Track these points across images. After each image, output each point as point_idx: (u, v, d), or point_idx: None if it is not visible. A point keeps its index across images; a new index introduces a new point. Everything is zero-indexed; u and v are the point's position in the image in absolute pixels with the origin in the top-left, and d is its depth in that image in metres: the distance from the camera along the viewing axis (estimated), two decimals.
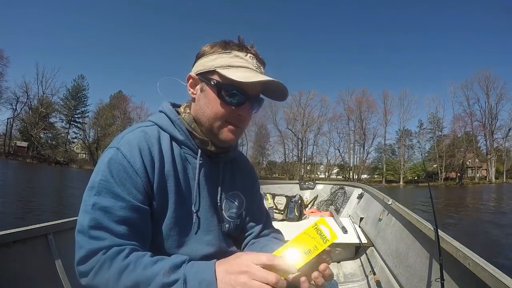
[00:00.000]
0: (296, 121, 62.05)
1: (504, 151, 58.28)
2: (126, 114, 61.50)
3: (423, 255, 1.85)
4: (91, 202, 0.80)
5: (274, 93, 0.98)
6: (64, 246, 1.72)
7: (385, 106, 61.70)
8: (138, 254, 0.78)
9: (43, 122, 55.49)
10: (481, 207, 17.86)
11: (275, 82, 0.90)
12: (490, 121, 58.08)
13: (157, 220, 0.90)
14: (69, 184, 21.26)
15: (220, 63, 0.91)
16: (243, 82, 0.86)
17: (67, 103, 60.15)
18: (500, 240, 8.85)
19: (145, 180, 0.86)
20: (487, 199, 23.62)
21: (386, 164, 61.19)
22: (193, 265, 0.76)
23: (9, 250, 1.47)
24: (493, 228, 10.73)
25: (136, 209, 0.83)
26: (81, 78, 61.98)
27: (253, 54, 0.94)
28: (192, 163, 0.98)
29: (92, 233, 0.78)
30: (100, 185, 0.81)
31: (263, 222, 1.19)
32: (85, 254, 0.77)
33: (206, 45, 0.96)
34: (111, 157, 0.85)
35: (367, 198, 3.87)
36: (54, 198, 13.22)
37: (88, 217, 0.78)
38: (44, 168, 39.45)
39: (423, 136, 63.53)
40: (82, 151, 63.14)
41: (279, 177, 57.01)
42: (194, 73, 0.96)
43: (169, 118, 0.98)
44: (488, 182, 54.47)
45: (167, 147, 0.93)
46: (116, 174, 0.83)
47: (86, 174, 35.23)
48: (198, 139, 0.97)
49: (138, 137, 0.89)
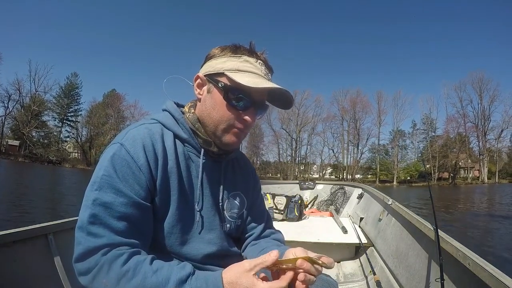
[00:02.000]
0: (290, 121, 62.33)
1: (496, 152, 58.95)
2: (119, 113, 60.90)
3: (423, 255, 1.85)
4: (92, 197, 0.80)
5: (279, 101, 1.00)
6: (64, 246, 1.70)
7: (379, 107, 62.22)
8: (138, 259, 0.77)
9: (36, 121, 54.64)
10: (474, 206, 18.10)
11: (281, 91, 0.92)
12: (483, 122, 58.92)
13: (160, 217, 0.90)
14: (62, 184, 20.98)
15: (229, 66, 0.91)
16: (251, 87, 0.87)
17: (60, 101, 59.48)
18: (491, 235, 9.07)
19: (148, 176, 0.86)
20: (479, 198, 23.93)
21: (379, 164, 61.58)
22: (199, 279, 0.76)
23: (9, 250, 1.46)
24: (486, 225, 10.96)
25: (137, 205, 0.83)
26: (74, 76, 61.38)
27: (262, 60, 0.95)
28: (195, 162, 0.98)
29: (90, 230, 0.77)
30: (102, 180, 0.81)
31: (264, 223, 1.18)
32: (83, 251, 0.76)
33: (217, 47, 0.97)
34: (115, 152, 0.84)
35: (367, 198, 3.88)
36: (46, 198, 13.03)
37: (88, 213, 0.78)
38: (36, 168, 38.93)
39: (416, 136, 64.21)
40: (74, 150, 62.48)
41: (273, 176, 57.09)
42: (202, 74, 0.96)
43: (173, 116, 0.98)
44: (481, 182, 55.07)
45: (170, 144, 0.93)
46: (119, 170, 0.82)
47: (80, 173, 35.08)
48: (202, 139, 0.97)
49: (142, 133, 0.89)
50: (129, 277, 0.73)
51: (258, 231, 1.16)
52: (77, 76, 61.69)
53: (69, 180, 24.18)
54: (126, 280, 0.73)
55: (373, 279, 2.27)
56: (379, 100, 62.33)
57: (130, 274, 0.74)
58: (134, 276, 0.73)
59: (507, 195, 25.15)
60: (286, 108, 1.02)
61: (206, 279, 0.75)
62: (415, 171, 59.00)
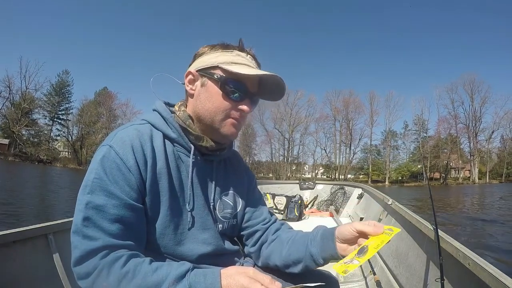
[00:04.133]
0: (283, 121, 62.46)
1: (487, 153, 59.79)
2: (111, 111, 60.34)
3: (423, 255, 1.85)
4: (84, 201, 0.80)
5: (270, 93, 1.02)
6: (64, 246, 1.70)
7: (371, 107, 62.67)
8: (137, 261, 0.78)
9: (26, 119, 53.70)
10: (465, 204, 18.42)
11: (276, 78, 0.95)
12: (474, 123, 59.74)
13: (151, 219, 0.90)
14: (56, 184, 20.72)
15: (223, 59, 0.94)
16: (249, 75, 0.91)
17: (50, 99, 58.56)
18: (481, 231, 9.25)
19: (138, 177, 0.86)
20: (470, 197, 24.34)
21: (371, 165, 62.07)
22: (198, 274, 0.76)
23: (9, 250, 1.46)
24: (476, 221, 11.18)
25: (129, 207, 0.83)
26: (66, 74, 60.53)
27: (251, 55, 0.99)
28: (185, 162, 0.98)
29: (85, 233, 0.77)
30: (94, 184, 0.81)
31: (268, 217, 1.17)
32: (80, 254, 0.76)
33: (205, 46, 1.00)
34: (104, 154, 0.85)
35: (367, 198, 3.89)
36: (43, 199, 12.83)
37: (81, 216, 0.78)
38: (27, 167, 38.34)
39: (408, 137, 64.77)
40: (64, 149, 61.76)
41: (265, 176, 57.12)
42: (193, 70, 0.97)
43: (162, 116, 0.98)
44: (472, 183, 55.90)
45: (159, 145, 0.93)
46: (109, 172, 0.83)
47: (72, 173, 34.67)
48: (193, 135, 0.97)
49: (130, 134, 0.89)
50: (129, 278, 0.74)
51: (264, 225, 1.14)
52: (69, 73, 60.99)
53: (64, 180, 23.88)
54: (127, 282, 0.73)
55: (373, 279, 2.27)
56: (372, 101, 62.92)
57: (131, 275, 0.74)
58: (135, 276, 0.74)
59: (498, 195, 25.55)
60: (278, 99, 1.04)
61: (205, 274, 0.76)
62: (407, 171, 59.57)
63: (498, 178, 58.64)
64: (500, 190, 31.88)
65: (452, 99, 60.69)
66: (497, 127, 59.09)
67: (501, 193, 26.76)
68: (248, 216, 1.14)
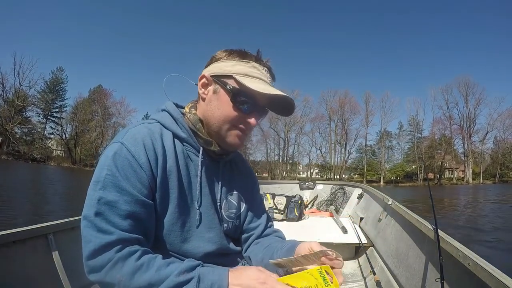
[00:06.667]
0: (278, 121, 62.27)
1: (481, 154, 60.37)
2: (106, 109, 59.78)
3: (423, 255, 1.86)
4: (96, 197, 0.80)
5: (280, 108, 1.02)
6: (64, 246, 1.70)
7: (367, 108, 62.92)
8: (151, 256, 0.80)
9: (19, 116, 52.88)
10: (460, 204, 18.71)
11: (287, 99, 0.95)
12: (468, 124, 60.26)
13: (160, 215, 0.91)
14: (48, 183, 20.52)
15: (238, 70, 0.94)
16: (260, 93, 0.90)
17: (44, 97, 57.65)
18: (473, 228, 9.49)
19: (149, 174, 0.87)
20: (465, 197, 24.63)
21: (366, 165, 62.38)
22: (207, 268, 0.80)
23: (9, 250, 1.46)
24: (470, 219, 11.44)
25: (141, 203, 0.84)
26: (60, 71, 59.81)
27: (267, 68, 0.99)
28: (194, 161, 1.00)
29: (100, 227, 0.78)
30: (106, 180, 0.82)
31: (264, 223, 1.19)
32: (94, 248, 0.77)
33: (223, 50, 1.00)
34: (116, 151, 0.86)
35: (367, 198, 3.91)
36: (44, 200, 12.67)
37: (94, 211, 0.79)
38: (21, 166, 37.82)
39: (402, 137, 65.19)
40: (58, 148, 61.10)
41: (259, 176, 57.10)
42: (208, 74, 0.97)
43: (172, 116, 1.00)
44: (466, 183, 56.41)
45: (169, 143, 0.95)
46: (121, 168, 0.84)
47: (67, 172, 34.33)
48: (202, 139, 0.99)
49: (142, 132, 0.91)
50: (143, 270, 0.76)
51: (259, 231, 1.17)
52: (63, 70, 60.29)
53: (57, 179, 23.66)
54: (141, 273, 0.75)
55: (373, 279, 2.28)
56: (367, 101, 63.20)
57: (145, 267, 0.76)
58: (149, 269, 0.76)
59: (492, 194, 25.89)
60: (286, 115, 1.06)
61: (214, 267, 0.80)
62: (401, 171, 59.92)
63: (491, 179, 59.20)
64: (493, 191, 32.27)
65: (446, 100, 61.32)
66: (491, 129, 59.80)
67: (495, 194, 27.08)
68: (249, 220, 1.16)
